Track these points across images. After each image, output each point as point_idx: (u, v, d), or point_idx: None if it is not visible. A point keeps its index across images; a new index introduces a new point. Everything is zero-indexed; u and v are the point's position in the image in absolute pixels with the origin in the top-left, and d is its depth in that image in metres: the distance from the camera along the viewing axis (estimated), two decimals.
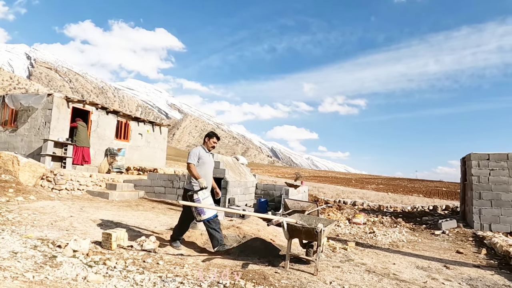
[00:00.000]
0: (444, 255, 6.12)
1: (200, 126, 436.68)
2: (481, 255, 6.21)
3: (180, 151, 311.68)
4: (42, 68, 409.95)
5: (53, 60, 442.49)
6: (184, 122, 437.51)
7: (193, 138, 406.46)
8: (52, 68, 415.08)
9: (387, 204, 12.08)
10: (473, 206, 8.38)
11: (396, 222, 9.05)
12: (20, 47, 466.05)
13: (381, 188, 66.54)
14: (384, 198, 22.55)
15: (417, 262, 5.41)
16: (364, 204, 12.06)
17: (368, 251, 5.91)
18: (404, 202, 20.66)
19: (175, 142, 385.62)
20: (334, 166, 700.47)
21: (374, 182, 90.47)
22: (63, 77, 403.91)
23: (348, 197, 21.38)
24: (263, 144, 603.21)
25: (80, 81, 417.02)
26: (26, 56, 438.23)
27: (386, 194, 29.79)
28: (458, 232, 8.20)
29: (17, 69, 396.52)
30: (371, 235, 7.39)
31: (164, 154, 15.20)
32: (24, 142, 10.17)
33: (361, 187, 68.07)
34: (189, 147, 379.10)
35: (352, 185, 69.77)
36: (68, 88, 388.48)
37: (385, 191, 57.57)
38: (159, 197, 9.75)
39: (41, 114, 10.08)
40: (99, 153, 11.55)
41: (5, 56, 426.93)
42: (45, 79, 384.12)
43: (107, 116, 11.90)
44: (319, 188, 27.87)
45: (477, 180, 8.43)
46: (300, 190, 9.21)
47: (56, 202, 7.41)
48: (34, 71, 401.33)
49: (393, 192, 54.25)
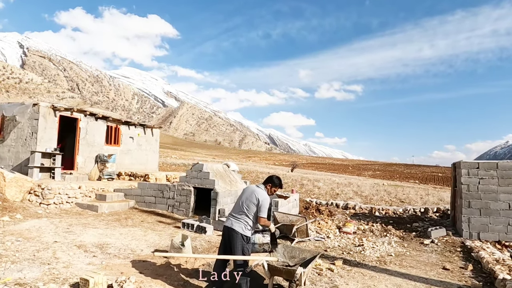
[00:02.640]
0: (431, 272, 6.14)
1: (197, 114, 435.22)
2: (467, 271, 6.25)
3: (178, 139, 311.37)
4: (35, 57, 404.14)
5: (46, 48, 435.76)
6: (181, 110, 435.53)
7: (190, 126, 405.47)
8: (46, 56, 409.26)
9: (379, 206, 12.11)
10: (462, 215, 8.40)
11: (386, 230, 9.08)
12: (12, 35, 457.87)
13: (378, 175, 67.02)
14: (379, 192, 22.67)
15: (402, 285, 5.42)
16: (356, 207, 12.10)
17: (355, 272, 5.92)
18: (398, 197, 20.78)
19: (172, 131, 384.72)
20: (331, 152, 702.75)
21: (371, 168, 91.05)
22: (57, 66, 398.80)
23: (342, 191, 21.48)
24: (260, 131, 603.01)
25: (74, 69, 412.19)
26: (19, 45, 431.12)
27: (382, 186, 29.92)
28: (447, 241, 8.24)
29: (9, 58, 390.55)
30: (360, 248, 7.40)
31: (157, 156, 15.11)
32: (12, 153, 10.05)
33: (358, 173, 68.49)
34: (186, 135, 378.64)
35: (349, 172, 70.16)
36: (62, 77, 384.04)
37: (382, 177, 57.96)
38: (150, 207, 9.71)
39: (28, 124, 9.92)
40: (89, 160, 11.45)
41: None
42: (39, 68, 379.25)
43: (96, 122, 11.75)
44: (315, 181, 27.94)
45: (466, 189, 8.43)
46: (290, 200, 9.19)
47: (43, 220, 7.36)
48: (28, 60, 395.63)
49: (390, 179, 54.64)
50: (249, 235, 4.04)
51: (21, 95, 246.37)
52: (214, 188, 8.87)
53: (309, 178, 31.56)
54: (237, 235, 3.98)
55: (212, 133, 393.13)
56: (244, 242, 3.99)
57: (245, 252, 3.99)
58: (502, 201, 8.13)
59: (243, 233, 3.99)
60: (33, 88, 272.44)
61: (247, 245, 4.02)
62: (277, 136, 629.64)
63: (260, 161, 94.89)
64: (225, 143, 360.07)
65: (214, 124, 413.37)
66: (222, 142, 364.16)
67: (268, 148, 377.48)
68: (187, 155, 77.38)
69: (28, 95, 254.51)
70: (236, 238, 3.99)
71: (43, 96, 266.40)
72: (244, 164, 64.80)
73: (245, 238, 4.00)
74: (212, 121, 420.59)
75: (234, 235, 4.00)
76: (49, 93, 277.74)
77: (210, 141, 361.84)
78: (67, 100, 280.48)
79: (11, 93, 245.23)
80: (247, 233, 4.02)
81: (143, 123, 14.17)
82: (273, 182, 4.21)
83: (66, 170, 10.80)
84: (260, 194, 4.03)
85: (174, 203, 9.38)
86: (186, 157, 65.30)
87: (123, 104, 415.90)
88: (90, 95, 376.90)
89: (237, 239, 3.99)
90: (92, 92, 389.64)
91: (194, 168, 9.29)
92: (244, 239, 4.00)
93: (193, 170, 9.30)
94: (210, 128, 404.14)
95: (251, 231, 4.09)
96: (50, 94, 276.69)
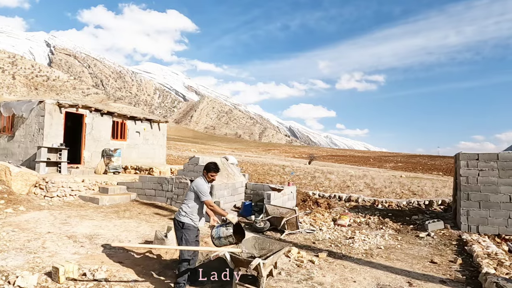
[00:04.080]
0: (416, 265, 6.05)
1: (217, 107, 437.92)
2: (455, 265, 6.11)
3: (198, 133, 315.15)
4: (61, 54, 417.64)
5: (71, 46, 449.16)
6: (202, 104, 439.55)
7: (211, 119, 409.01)
8: (71, 54, 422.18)
9: (382, 199, 11.91)
10: (461, 207, 8.17)
11: (383, 223, 8.96)
12: (39, 34, 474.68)
13: (399, 167, 65.47)
14: (392, 184, 22.23)
15: (381, 277, 5.39)
16: (359, 200, 11.96)
17: (337, 264, 5.92)
18: (412, 189, 20.33)
19: (193, 124, 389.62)
20: (353, 144, 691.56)
21: (393, 160, 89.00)
22: (82, 63, 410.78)
23: (354, 184, 21.23)
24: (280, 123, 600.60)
25: (98, 66, 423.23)
26: (46, 44, 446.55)
27: (397, 178, 29.29)
28: (444, 235, 8.05)
29: (38, 56, 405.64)
30: (350, 241, 7.36)
31: (164, 150, 15.44)
32: (21, 149, 10.58)
33: (378, 166, 67.13)
34: (207, 128, 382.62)
35: (370, 164, 68.92)
36: (87, 73, 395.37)
37: (404, 169, 56.57)
38: (150, 200, 10.00)
39: (35, 121, 10.39)
40: (96, 155, 11.87)
41: (26, 45, 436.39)
42: (65, 65, 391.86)
43: (102, 117, 12.14)
44: (328, 174, 27.70)
45: (465, 181, 8.18)
46: (285, 192, 9.22)
47: (44, 212, 7.75)
48: (54, 58, 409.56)
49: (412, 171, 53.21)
50: (183, 220, 4.23)
51: (49, 92, 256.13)
52: None
53: (323, 170, 31.33)
54: (175, 223, 4.30)
55: (232, 126, 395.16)
56: (180, 228, 4.21)
57: (183, 239, 4.19)
58: (502, 193, 7.84)
59: (178, 219, 4.26)
60: (59, 85, 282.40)
61: (185, 232, 4.20)
62: (297, 129, 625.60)
63: (280, 154, 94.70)
64: (245, 136, 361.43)
65: (234, 117, 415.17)
66: (242, 135, 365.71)
67: (288, 141, 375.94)
68: (207, 149, 78.31)
69: (55, 92, 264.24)
70: (176, 228, 4.28)
71: (69, 92, 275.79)
72: (263, 156, 64.95)
73: (180, 224, 4.22)
74: (232, 114, 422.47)
75: (175, 225, 4.32)
76: (75, 89, 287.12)
77: (231, 134, 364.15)
78: (92, 96, 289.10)
79: (40, 90, 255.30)
80: (181, 218, 4.24)
81: (150, 117, 14.50)
82: (208, 168, 4.39)
83: (73, 164, 11.25)
84: (194, 181, 4.35)
85: (172, 196, 9.61)
86: (205, 150, 66.07)
87: (145, 99, 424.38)
88: (113, 90, 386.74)
89: (176, 228, 4.26)
90: (115, 88, 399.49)
91: (190, 161, 9.47)
92: (180, 225, 4.22)
93: (189, 163, 9.48)
94: (230, 121, 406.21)
95: (187, 217, 4.26)
96: (75, 90, 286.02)
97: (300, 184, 19.43)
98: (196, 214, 4.29)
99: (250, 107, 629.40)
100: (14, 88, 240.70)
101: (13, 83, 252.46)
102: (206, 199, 4.24)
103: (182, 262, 4.17)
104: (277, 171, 27.86)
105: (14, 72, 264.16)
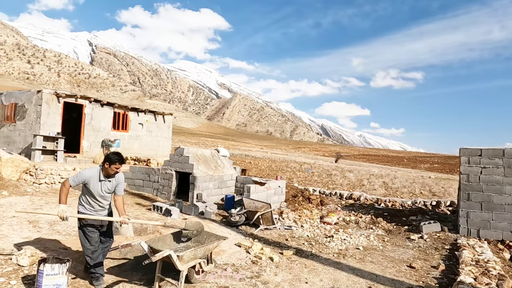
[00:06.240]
0: (390, 269, 5.44)
1: (249, 104, 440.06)
2: (436, 271, 5.43)
3: (230, 130, 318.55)
4: (102, 53, 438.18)
5: (111, 45, 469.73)
6: (234, 101, 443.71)
7: (242, 116, 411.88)
8: (111, 53, 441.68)
9: (386, 198, 11.10)
10: (460, 209, 7.34)
11: (374, 222, 8.28)
12: (82, 34, 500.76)
13: (435, 168, 62.22)
14: (412, 185, 20.95)
15: (341, 280, 4.86)
16: (361, 198, 11.24)
17: (299, 263, 5.44)
18: (433, 190, 19.05)
19: (225, 121, 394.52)
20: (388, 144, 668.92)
21: (429, 161, 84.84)
22: (120, 61, 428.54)
23: (370, 183, 20.23)
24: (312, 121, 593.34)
25: (136, 64, 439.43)
26: (88, 43, 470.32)
27: (422, 179, 27.69)
28: (438, 238, 7.27)
29: (81, 55, 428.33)
30: (327, 240, 6.82)
31: (169, 142, 15.45)
32: (21, 137, 10.92)
33: (412, 166, 64.25)
34: (238, 125, 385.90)
35: (403, 165, 66.12)
36: (125, 71, 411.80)
37: (440, 171, 53.57)
38: (138, 190, 9.94)
39: (33, 110, 10.68)
40: (95, 145, 12.04)
41: (71, 44, 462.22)
42: (105, 63, 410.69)
43: (102, 108, 12.28)
44: (347, 172, 26.70)
45: (466, 179, 7.34)
46: (270, 186, 8.77)
47: (25, 198, 7.87)
48: (96, 57, 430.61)
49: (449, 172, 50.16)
50: (79, 210, 4.01)
51: (90, 89, 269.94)
52: (193, 172, 8.78)
53: (343, 169, 30.25)
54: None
55: (264, 123, 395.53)
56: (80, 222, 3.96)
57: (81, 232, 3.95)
58: (507, 194, 6.94)
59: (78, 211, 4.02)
60: (100, 83, 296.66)
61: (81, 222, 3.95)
62: (330, 127, 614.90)
63: (310, 152, 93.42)
64: (276, 134, 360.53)
65: (265, 115, 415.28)
66: (273, 133, 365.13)
67: (320, 139, 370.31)
68: (236, 145, 78.84)
69: (95, 89, 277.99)
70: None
71: (108, 89, 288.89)
72: (289, 154, 64.34)
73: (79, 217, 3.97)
74: (264, 112, 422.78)
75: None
76: (114, 87, 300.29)
77: (262, 132, 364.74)
78: (129, 93, 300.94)
79: (82, 87, 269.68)
80: (78, 209, 4.03)
81: (153, 109, 14.54)
82: (109, 160, 3.87)
83: (71, 154, 11.47)
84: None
85: (158, 187, 9.49)
86: (234, 147, 66.52)
87: (179, 96, 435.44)
88: (149, 88, 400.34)
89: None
90: (151, 85, 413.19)
91: (176, 152, 9.28)
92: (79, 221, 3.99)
93: (175, 154, 9.30)
94: (262, 118, 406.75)
95: (82, 206, 4.02)
96: (114, 88, 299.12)
97: (310, 181, 18.79)
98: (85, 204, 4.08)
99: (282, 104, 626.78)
100: (59, 85, 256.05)
101: (58, 80, 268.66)
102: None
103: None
104: (292, 168, 27.27)
105: (59, 70, 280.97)
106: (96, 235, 3.96)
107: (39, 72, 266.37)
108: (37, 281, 3.39)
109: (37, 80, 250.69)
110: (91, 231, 3.92)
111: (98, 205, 3.99)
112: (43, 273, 3.36)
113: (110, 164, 3.87)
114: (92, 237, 3.91)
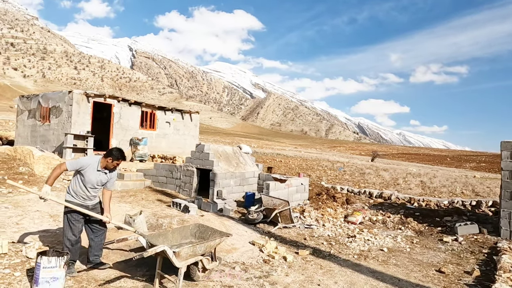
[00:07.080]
0: (415, 274, 4.96)
1: (283, 104, 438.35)
2: (470, 277, 4.87)
3: (264, 129, 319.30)
4: (141, 58, 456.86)
5: (150, 50, 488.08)
6: (268, 101, 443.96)
7: (277, 116, 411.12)
8: (150, 57, 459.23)
9: (420, 197, 10.35)
10: (501, 209, 6.61)
11: (404, 223, 7.69)
12: (123, 40, 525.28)
13: (482, 167, 58.21)
14: (453, 184, 19.59)
15: (358, 283, 4.49)
16: (392, 197, 10.58)
17: (314, 263, 5.12)
18: (477, 190, 17.67)
19: (259, 121, 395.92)
20: (430, 142, 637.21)
21: (475, 160, 79.55)
22: (158, 65, 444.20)
23: (406, 182, 19.18)
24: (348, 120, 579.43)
25: (173, 67, 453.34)
26: (129, 48, 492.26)
27: (466, 178, 25.88)
28: (476, 240, 6.59)
29: (122, 60, 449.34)
30: (349, 240, 6.40)
31: (196, 140, 15.55)
32: (55, 136, 11.45)
33: (456, 165, 60.61)
34: (272, 125, 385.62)
35: (446, 164, 62.57)
36: (163, 74, 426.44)
37: (486, 170, 50.04)
38: (162, 187, 10.03)
39: (65, 110, 11.15)
40: (123, 143, 12.35)
41: (113, 50, 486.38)
42: (144, 67, 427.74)
43: (130, 107, 12.59)
44: (382, 171, 25.58)
45: (508, 176, 6.60)
46: (291, 183, 8.45)
47: (53, 193, 8.15)
48: (136, 61, 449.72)
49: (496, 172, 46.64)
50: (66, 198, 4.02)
51: (131, 92, 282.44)
52: (213, 169, 8.69)
53: (378, 167, 29.00)
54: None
55: (298, 123, 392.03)
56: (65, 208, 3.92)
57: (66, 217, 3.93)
58: None
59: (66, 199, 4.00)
60: (139, 86, 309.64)
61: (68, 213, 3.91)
62: (367, 125, 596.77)
63: (345, 151, 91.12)
64: (311, 133, 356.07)
65: (300, 114, 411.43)
66: (308, 132, 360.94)
67: (356, 138, 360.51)
68: (270, 145, 78.68)
69: (136, 92, 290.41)
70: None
71: (147, 92, 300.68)
72: (324, 153, 63.03)
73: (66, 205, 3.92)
74: (298, 111, 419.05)
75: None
76: (152, 89, 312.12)
77: (296, 131, 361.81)
78: (167, 95, 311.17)
79: (123, 90, 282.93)
80: (65, 197, 4.02)
81: (180, 108, 14.70)
82: (112, 155, 3.91)
83: (101, 151, 11.84)
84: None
85: (180, 184, 9.50)
86: (268, 146, 66.40)
87: (215, 97, 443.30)
88: (186, 90, 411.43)
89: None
90: (187, 87, 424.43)
91: (197, 149, 9.24)
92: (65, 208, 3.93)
93: (196, 151, 9.26)
94: (296, 118, 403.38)
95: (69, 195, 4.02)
96: (153, 90, 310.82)
97: (340, 179, 18.12)
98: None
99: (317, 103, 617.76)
100: (102, 90, 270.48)
101: (102, 84, 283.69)
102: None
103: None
104: (324, 166, 26.52)
105: (102, 75, 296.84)
106: (80, 225, 3.94)
107: (84, 77, 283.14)
108: (35, 274, 3.38)
109: (83, 85, 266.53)
110: (76, 219, 3.89)
111: (87, 195, 3.96)
112: (40, 266, 3.34)
113: (113, 159, 3.92)
114: (76, 226, 3.88)
